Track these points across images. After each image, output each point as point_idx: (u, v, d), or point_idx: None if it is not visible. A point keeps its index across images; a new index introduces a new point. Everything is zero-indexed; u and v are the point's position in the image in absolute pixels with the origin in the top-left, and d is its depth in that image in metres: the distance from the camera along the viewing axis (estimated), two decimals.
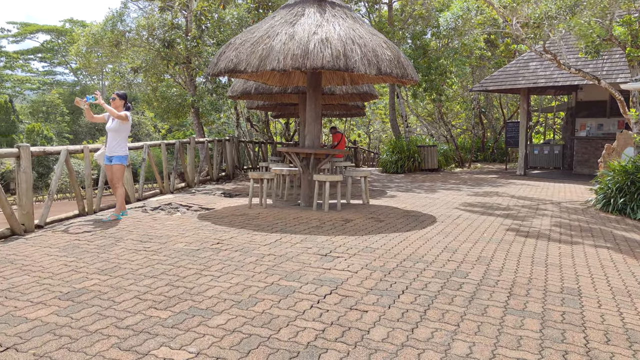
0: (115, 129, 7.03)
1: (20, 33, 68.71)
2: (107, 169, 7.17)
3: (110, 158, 7.08)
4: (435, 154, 18.65)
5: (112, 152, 7.05)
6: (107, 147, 7.10)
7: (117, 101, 7.09)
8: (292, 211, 8.22)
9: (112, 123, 7.06)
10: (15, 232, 6.06)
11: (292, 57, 7.36)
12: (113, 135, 7.04)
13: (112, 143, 7.05)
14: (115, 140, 7.04)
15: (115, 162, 7.03)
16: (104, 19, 14.34)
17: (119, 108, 7.10)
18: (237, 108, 19.37)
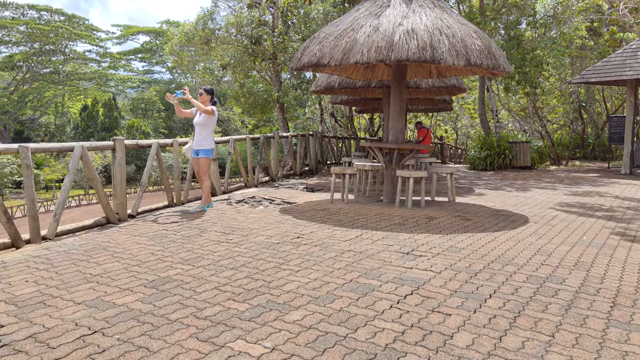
0: (202, 123, 7.23)
1: (123, 35, 73.66)
2: (194, 162, 7.40)
3: (197, 151, 7.29)
4: (528, 150, 17.64)
5: (199, 145, 7.26)
6: (195, 140, 7.32)
7: (204, 96, 7.29)
8: (374, 207, 8.05)
9: (199, 117, 7.27)
10: (110, 221, 6.40)
11: (376, 50, 7.19)
12: (200, 129, 7.25)
13: (199, 137, 7.26)
14: (202, 134, 7.24)
15: (202, 155, 7.23)
16: (195, 18, 14.94)
17: (205, 103, 7.29)
18: (321, 103, 19.45)
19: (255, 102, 16.33)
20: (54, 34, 61.72)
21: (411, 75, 10.10)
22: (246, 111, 18.30)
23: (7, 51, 65.37)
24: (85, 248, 5.12)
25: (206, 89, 7.34)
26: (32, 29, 60.87)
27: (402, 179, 8.18)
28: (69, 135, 68.32)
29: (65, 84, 67.33)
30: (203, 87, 7.37)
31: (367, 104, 16.27)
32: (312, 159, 14.04)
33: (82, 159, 5.91)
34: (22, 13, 63.57)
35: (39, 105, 64.80)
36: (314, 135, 14.12)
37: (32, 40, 62.70)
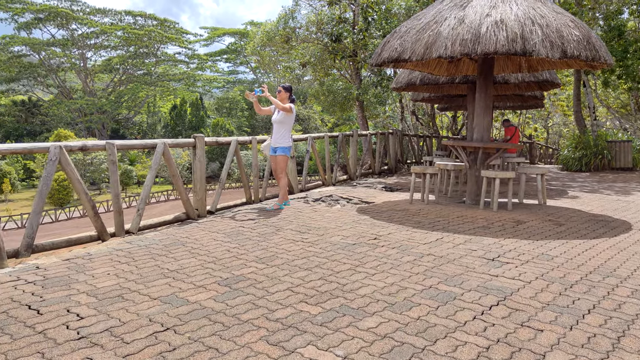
0: (280, 121, 7.20)
1: (210, 37, 76.59)
2: (271, 160, 7.39)
3: (274, 149, 7.28)
4: (629, 150, 16.24)
5: (276, 143, 7.24)
6: (272, 138, 7.31)
7: (282, 93, 7.25)
8: (456, 209, 7.66)
9: (277, 115, 7.24)
10: (190, 217, 6.52)
11: (461, 43, 6.80)
12: (278, 126, 7.23)
13: (277, 135, 7.23)
14: (280, 131, 7.21)
15: (279, 153, 7.20)
16: (277, 18, 15.09)
17: (284, 100, 7.25)
18: (401, 101, 19.04)
19: (334, 100, 16.26)
20: (148, 38, 65.34)
21: (498, 69, 9.54)
22: (325, 109, 18.28)
23: (106, 55, 70.10)
24: (164, 243, 5.22)
25: (284, 87, 7.30)
26: (128, 34, 64.81)
27: (487, 180, 7.73)
28: (159, 133, 72.21)
29: (156, 84, 71.12)
30: (281, 85, 7.34)
31: (450, 101, 15.68)
32: (391, 158, 13.73)
33: (164, 156, 6.05)
34: (119, 19, 67.88)
35: (133, 105, 68.93)
36: (394, 133, 13.80)
37: (128, 44, 66.81)
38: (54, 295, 3.59)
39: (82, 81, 69.17)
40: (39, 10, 60.13)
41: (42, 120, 65.87)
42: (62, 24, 63.16)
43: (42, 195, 4.65)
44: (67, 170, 4.93)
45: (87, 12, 65.79)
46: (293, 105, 7.22)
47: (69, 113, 64.58)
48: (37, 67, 64.74)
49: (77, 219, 33.67)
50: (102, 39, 67.09)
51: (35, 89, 69.87)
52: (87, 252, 4.76)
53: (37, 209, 4.62)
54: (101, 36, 66.42)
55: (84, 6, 65.29)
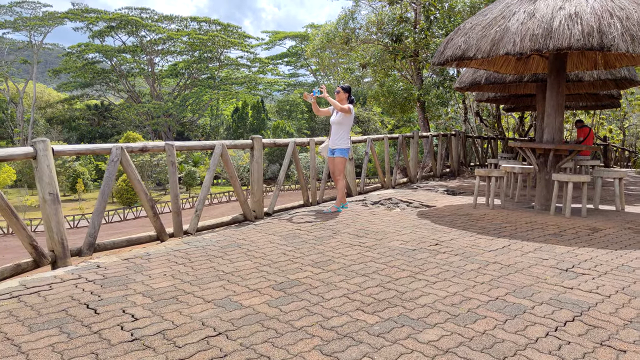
0: (339, 122, 7.05)
1: (271, 40, 77.77)
2: (329, 161, 7.26)
3: (332, 150, 7.14)
4: None
5: (334, 144, 7.10)
6: (330, 139, 7.17)
7: (341, 94, 7.10)
8: (524, 214, 7.24)
9: (336, 116, 7.10)
10: (247, 218, 6.50)
11: (531, 38, 6.41)
12: (336, 128, 7.09)
13: (335, 136, 7.09)
14: (338, 133, 7.06)
15: (338, 154, 7.06)
16: (336, 19, 15.01)
17: (342, 101, 7.10)
18: (465, 101, 18.44)
19: (394, 101, 15.94)
20: (211, 43, 67.20)
21: (571, 67, 8.98)
22: (385, 111, 17.99)
23: (172, 60, 72.70)
24: (221, 244, 5.19)
25: (343, 87, 7.15)
26: (193, 39, 66.90)
27: (558, 184, 7.25)
28: (221, 135, 74.11)
29: (219, 88, 72.99)
30: (340, 85, 7.20)
31: (517, 101, 15.00)
32: (453, 160, 13.29)
33: (222, 157, 6.05)
34: (185, 25, 70.22)
35: (197, 108, 71.01)
36: (457, 135, 13.35)
37: (193, 49, 68.99)
38: (111, 294, 3.61)
39: (150, 86, 72.10)
40: (111, 18, 63.22)
41: (113, 123, 69.22)
42: (132, 31, 66.10)
43: (104, 195, 4.74)
44: (128, 170, 5.01)
45: (155, 19, 68.53)
46: (352, 106, 7.05)
47: (137, 116, 67.46)
48: (109, 73, 68.14)
49: (143, 217, 34.95)
50: (168, 44, 69.70)
51: (107, 93, 73.57)
52: (146, 252, 4.80)
53: (99, 208, 4.71)
54: (168, 42, 69.00)
55: (152, 14, 68.06)
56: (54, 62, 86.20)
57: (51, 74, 68.86)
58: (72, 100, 71.27)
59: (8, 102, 64.87)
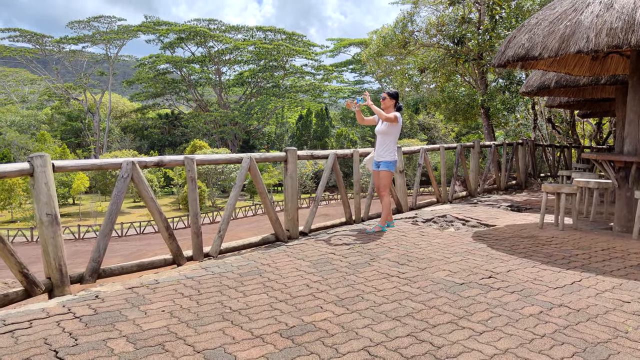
0: (384, 132, 6.35)
1: (336, 48, 77.68)
2: (374, 175, 6.57)
3: (377, 163, 6.45)
4: None
5: (379, 157, 6.41)
6: (376, 151, 6.49)
7: (387, 101, 6.39)
8: (601, 238, 6.21)
9: (381, 125, 6.40)
10: (279, 239, 5.93)
11: (609, 33, 5.46)
12: (382, 138, 6.40)
13: (381, 147, 6.40)
14: (384, 144, 6.37)
15: (383, 168, 6.36)
16: (394, 21, 14.27)
17: (389, 109, 6.40)
18: (534, 107, 17.08)
19: (456, 107, 14.95)
20: (276, 52, 67.97)
21: None
22: (447, 118, 16.99)
23: (239, 69, 74.23)
24: (241, 271, 4.64)
25: (390, 93, 6.44)
26: (259, 48, 67.96)
27: None
28: (286, 142, 74.73)
29: (284, 96, 73.67)
30: (386, 91, 6.49)
31: (594, 106, 13.60)
32: (520, 172, 12.15)
33: (250, 171, 5.53)
34: (251, 35, 71.52)
35: (262, 116, 71.98)
36: (524, 143, 12.21)
37: (259, 58, 70.06)
38: (91, 338, 3.11)
39: (217, 95, 73.91)
40: (180, 30, 65.39)
41: (182, 131, 71.49)
42: (201, 42, 68.07)
43: (111, 215, 4.32)
44: (140, 188, 4.57)
45: (222, 30, 70.25)
46: (399, 115, 6.33)
47: (205, 125, 69.26)
48: (179, 83, 70.49)
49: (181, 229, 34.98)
50: (235, 54, 71.18)
51: (177, 102, 76.15)
52: (155, 280, 4.32)
53: (104, 230, 4.29)
54: (234, 52, 70.49)
55: (219, 25, 69.81)
56: (130, 73, 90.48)
57: (126, 84, 72.23)
58: (144, 109, 74.29)
59: (86, 112, 68.55)
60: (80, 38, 65.84)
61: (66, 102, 70.52)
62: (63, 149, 50.25)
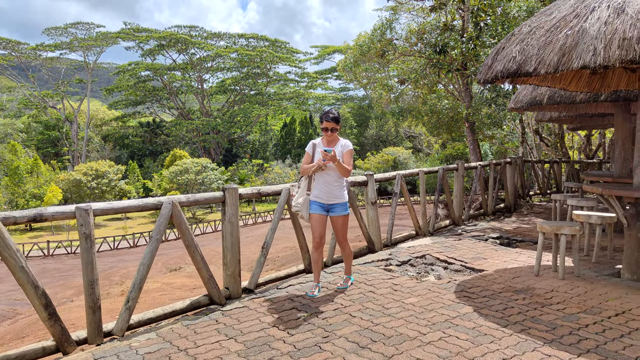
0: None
1: (320, 55, 76.82)
2: (318, 222, 4.98)
3: (327, 207, 5.00)
4: None
5: (333, 197, 4.94)
6: (325, 191, 4.93)
7: (334, 131, 4.93)
8: (611, 292, 5.11)
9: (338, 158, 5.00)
10: (214, 301, 4.73)
11: (621, 44, 4.39)
12: (335, 175, 4.92)
13: (333, 186, 4.94)
14: (338, 182, 4.97)
15: (339, 212, 4.98)
16: (372, 28, 13.19)
17: (335, 140, 4.99)
18: (522, 120, 16.11)
19: (439, 121, 13.92)
20: (259, 59, 66.83)
21: None
22: (430, 131, 15.95)
23: (222, 76, 72.96)
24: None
25: (334, 118, 4.90)
26: (242, 55, 66.79)
27: None
28: (270, 151, 73.54)
29: (268, 104, 72.51)
30: (331, 116, 4.90)
31: (585, 120, 12.64)
32: (509, 193, 11.08)
33: (173, 219, 4.35)
34: (233, 42, 70.35)
35: (246, 124, 70.70)
36: (512, 162, 11.16)
37: (242, 65, 68.87)
38: None
39: (199, 102, 72.50)
40: (161, 37, 64.01)
41: (164, 140, 69.88)
42: (182, 49, 66.71)
43: None
44: (5, 254, 3.35)
45: (204, 36, 68.98)
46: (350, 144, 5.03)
47: (187, 133, 67.75)
48: (160, 91, 68.97)
49: (172, 241, 33.60)
50: (217, 61, 69.90)
51: (159, 111, 74.58)
52: None
53: None
54: (217, 59, 69.21)
55: (201, 31, 68.55)
56: (110, 80, 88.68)
57: (105, 92, 70.49)
58: (125, 117, 72.60)
59: (64, 121, 66.69)
60: (58, 45, 64.14)
61: (43, 110, 68.62)
62: (35, 160, 48.46)
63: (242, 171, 59.54)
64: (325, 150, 4.71)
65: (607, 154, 19.58)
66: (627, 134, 8.78)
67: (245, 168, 61.24)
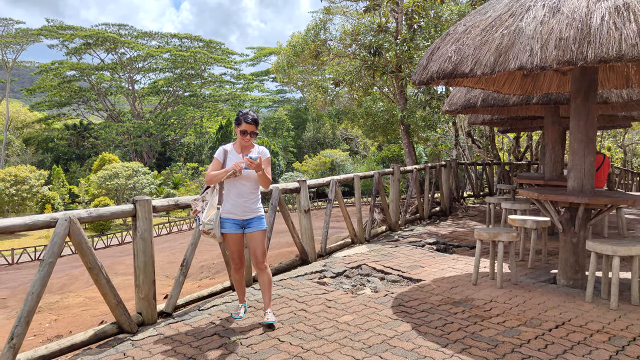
0: (255, 177, 4.26)
1: (256, 56, 75.97)
2: (232, 241, 4.33)
3: (242, 223, 4.31)
4: None
5: (249, 212, 4.30)
6: (239, 205, 4.24)
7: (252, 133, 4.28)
8: (549, 301, 4.95)
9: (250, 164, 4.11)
10: (123, 329, 4.15)
11: (558, 45, 4.22)
12: (252, 186, 4.29)
13: (249, 199, 4.28)
14: (254, 194, 4.32)
15: (256, 228, 4.32)
16: (305, 29, 12.83)
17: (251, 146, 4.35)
18: (455, 123, 16.28)
19: (375, 123, 13.76)
20: (193, 59, 65.10)
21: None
22: (365, 134, 15.80)
23: (154, 77, 70.54)
24: None
25: (254, 120, 4.24)
26: (174, 56, 64.80)
27: (596, 256, 5.00)
28: (206, 154, 71.76)
29: (203, 106, 70.81)
30: (251, 117, 4.23)
31: (515, 123, 12.86)
32: (444, 197, 11.02)
33: (70, 238, 3.74)
34: (166, 42, 68.19)
35: (180, 126, 68.68)
36: (447, 165, 11.12)
37: (175, 66, 66.80)
38: None
39: (131, 104, 69.62)
40: (87, 35, 60.96)
41: (92, 143, 66.51)
42: (111, 48, 63.81)
43: None
44: None
45: (134, 35, 66.36)
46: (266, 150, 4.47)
47: (117, 136, 64.86)
48: (88, 91, 65.63)
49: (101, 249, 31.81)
50: (149, 61, 67.39)
51: (87, 112, 70.93)
52: None
53: None
54: (148, 59, 66.71)
55: (131, 30, 65.92)
56: (32, 79, 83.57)
57: (26, 92, 66.25)
58: (48, 120, 68.57)
59: None
60: None
61: None
62: None
63: (176, 175, 57.70)
64: (250, 157, 4.02)
65: (535, 155, 20.24)
66: (557, 136, 8.88)
67: (180, 172, 59.36)
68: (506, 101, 8.02)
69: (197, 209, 4.30)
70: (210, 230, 4.20)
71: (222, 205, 4.26)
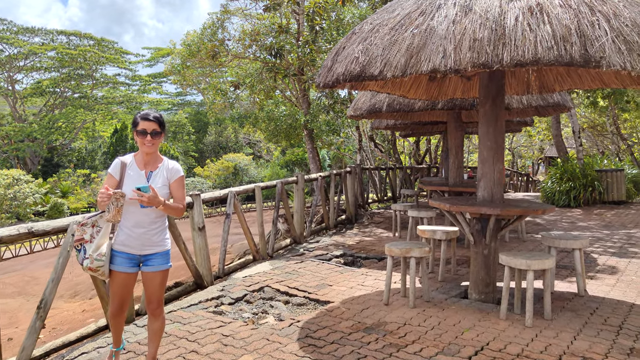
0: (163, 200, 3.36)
1: (153, 57, 72.65)
2: (123, 280, 3.43)
3: (141, 258, 3.46)
4: (622, 181, 13.95)
5: (152, 245, 3.44)
6: (138, 236, 3.38)
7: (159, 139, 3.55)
8: (463, 317, 4.63)
9: (161, 189, 3.41)
10: None
11: (473, 46, 3.88)
12: (156, 216, 3.43)
13: (152, 230, 3.42)
14: (158, 223, 3.45)
15: (161, 266, 3.48)
16: (201, 27, 11.96)
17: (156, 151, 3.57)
18: (359, 127, 16.16)
19: (277, 128, 13.21)
20: (83, 59, 60.81)
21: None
22: (268, 139, 15.23)
23: (38, 77, 64.99)
24: None
25: (158, 118, 3.48)
26: (61, 54, 60.09)
27: (510, 271, 4.78)
28: (99, 159, 67.26)
29: (95, 108, 66.38)
30: (153, 115, 3.50)
31: (417, 128, 12.90)
32: (350, 204, 10.68)
33: None
34: (51, 39, 63.10)
35: (68, 130, 63.82)
36: (352, 171, 10.80)
37: (62, 66, 61.92)
38: None
39: (11, 106, 63.48)
40: None
41: None
42: None
43: None
44: None
45: (14, 31, 60.62)
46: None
47: None
48: None
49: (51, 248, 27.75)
50: (32, 60, 61.88)
51: None
52: None
53: None
54: (31, 57, 61.22)
55: (10, 25, 60.15)
56: None
57: None
58: None
59: None
60: None
61: None
62: None
63: (65, 183, 53.40)
64: (139, 188, 3.09)
65: (434, 159, 20.79)
66: (460, 142, 8.84)
67: (69, 179, 54.97)
68: (412, 106, 7.79)
69: (83, 236, 3.31)
70: (100, 267, 3.27)
71: (115, 234, 3.37)
